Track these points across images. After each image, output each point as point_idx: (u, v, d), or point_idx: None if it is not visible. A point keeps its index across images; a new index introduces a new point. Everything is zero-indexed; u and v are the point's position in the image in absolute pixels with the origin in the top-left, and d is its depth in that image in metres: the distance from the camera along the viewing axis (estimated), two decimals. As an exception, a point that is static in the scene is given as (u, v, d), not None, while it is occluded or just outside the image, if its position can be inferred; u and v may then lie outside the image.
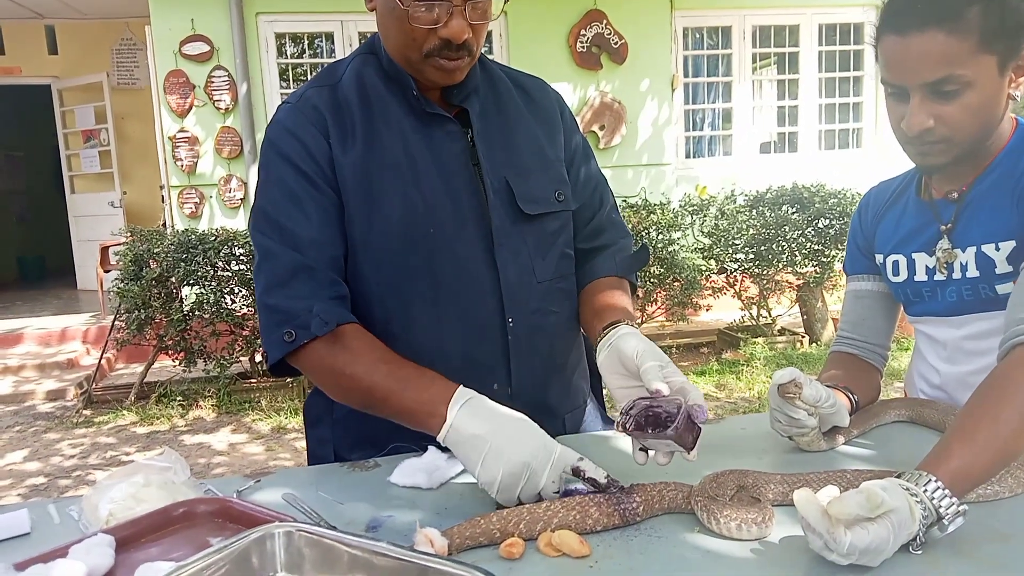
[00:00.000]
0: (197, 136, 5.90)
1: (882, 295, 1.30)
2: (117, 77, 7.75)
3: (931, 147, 1.06)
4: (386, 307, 1.11)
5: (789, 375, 1.04)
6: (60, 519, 0.97)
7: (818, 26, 6.83)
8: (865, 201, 1.34)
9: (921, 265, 1.19)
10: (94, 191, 7.79)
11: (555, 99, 1.25)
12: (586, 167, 1.25)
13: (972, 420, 0.88)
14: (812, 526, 0.75)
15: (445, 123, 1.12)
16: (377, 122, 1.10)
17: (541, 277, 1.15)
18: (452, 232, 1.09)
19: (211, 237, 4.67)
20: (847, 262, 1.36)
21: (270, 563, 0.77)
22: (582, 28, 6.30)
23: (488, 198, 1.11)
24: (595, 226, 1.25)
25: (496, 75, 1.20)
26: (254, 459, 3.91)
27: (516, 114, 1.18)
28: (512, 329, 1.12)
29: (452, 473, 1.04)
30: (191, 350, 4.79)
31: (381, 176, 1.08)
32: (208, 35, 5.82)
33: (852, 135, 7.07)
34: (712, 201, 5.52)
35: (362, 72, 1.13)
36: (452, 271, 1.10)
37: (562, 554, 0.81)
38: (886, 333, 1.32)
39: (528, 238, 1.14)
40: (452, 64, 1.05)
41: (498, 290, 1.11)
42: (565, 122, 1.24)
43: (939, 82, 1.00)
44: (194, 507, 0.91)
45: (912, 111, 1.03)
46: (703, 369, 5.09)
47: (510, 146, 1.15)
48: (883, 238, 1.26)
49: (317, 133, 1.08)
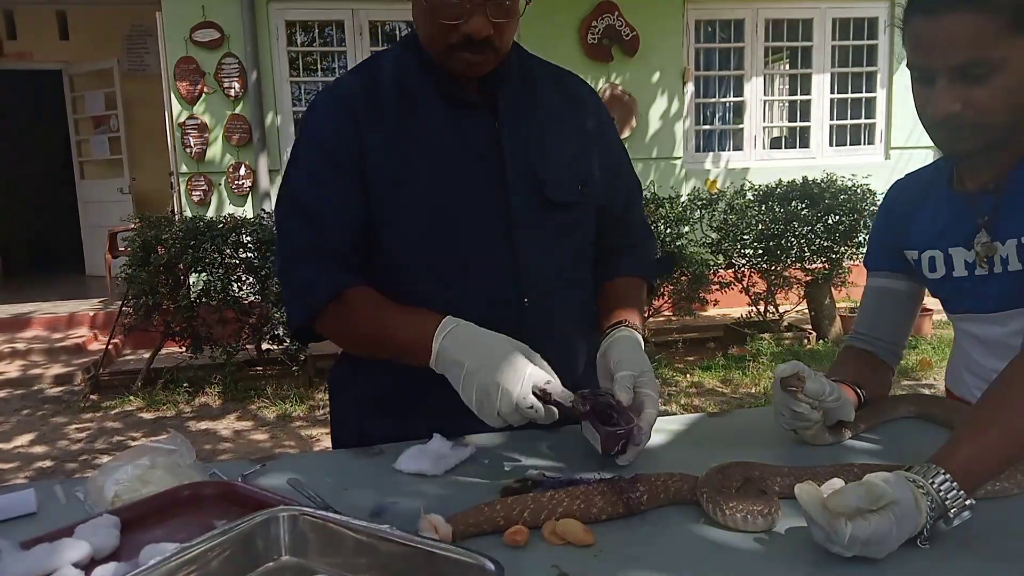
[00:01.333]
0: (206, 123, 5.91)
1: (902, 293, 1.26)
2: (128, 63, 7.76)
3: (958, 133, 1.00)
4: (410, 281, 1.15)
5: (792, 368, 1.04)
6: (66, 500, 0.97)
7: (832, 20, 6.78)
8: (891, 196, 1.28)
9: (960, 260, 1.13)
10: (103, 177, 7.82)
11: (591, 96, 1.28)
12: (619, 166, 1.29)
13: (985, 413, 0.87)
14: (813, 518, 0.75)
15: (475, 110, 1.16)
16: (410, 108, 1.15)
17: (559, 262, 1.19)
18: (474, 211, 1.14)
19: (219, 224, 4.68)
20: (869, 257, 1.31)
21: (274, 546, 0.77)
22: (593, 20, 6.27)
23: (508, 182, 1.14)
24: (624, 226, 1.29)
25: (534, 68, 1.24)
26: (259, 446, 3.93)
27: (549, 107, 1.21)
28: (528, 308, 1.16)
29: (457, 460, 1.04)
30: (198, 337, 4.81)
31: (408, 155, 1.13)
32: (219, 22, 5.82)
33: (864, 131, 7.02)
34: (721, 196, 5.50)
35: (402, 58, 1.19)
36: (472, 249, 1.14)
37: (566, 542, 0.81)
38: (903, 332, 1.29)
39: (549, 224, 1.17)
40: (475, 59, 1.10)
41: (515, 270, 1.15)
42: (601, 120, 1.26)
43: (967, 65, 0.96)
44: (199, 490, 0.91)
45: (938, 95, 0.99)
46: (709, 364, 5.08)
47: (539, 136, 1.18)
48: (916, 234, 1.20)
49: (347, 120, 1.13)
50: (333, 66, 6.28)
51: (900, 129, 6.79)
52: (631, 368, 1.05)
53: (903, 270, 1.25)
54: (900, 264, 1.25)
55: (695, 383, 4.76)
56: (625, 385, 1.03)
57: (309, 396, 4.64)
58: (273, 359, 4.99)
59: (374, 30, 6.19)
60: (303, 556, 0.77)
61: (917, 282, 1.25)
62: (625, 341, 1.10)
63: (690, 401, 4.39)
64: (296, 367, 4.89)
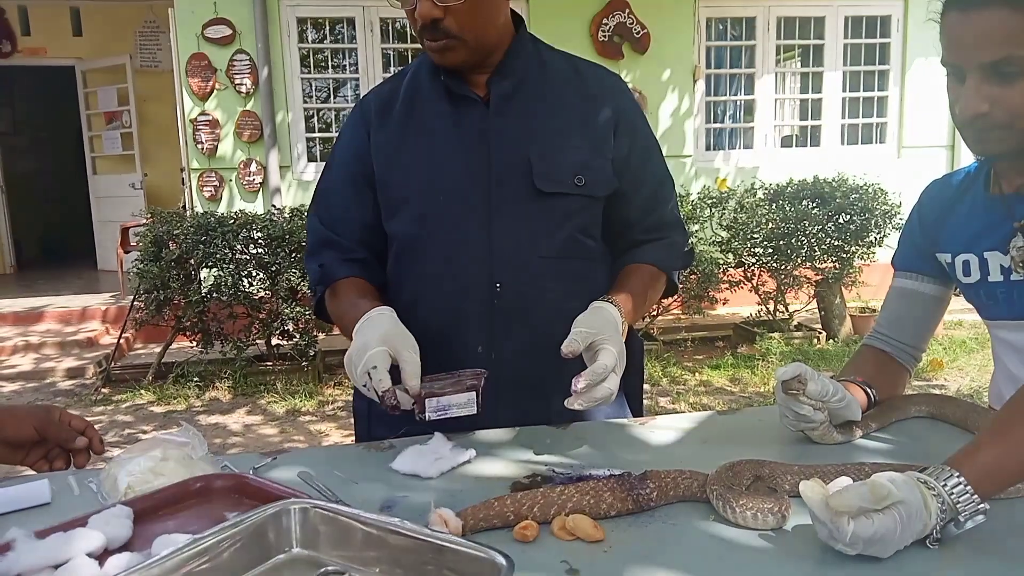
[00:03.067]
0: (218, 119, 5.93)
1: (927, 296, 1.24)
2: (140, 59, 7.80)
3: (988, 134, 0.98)
4: (403, 268, 1.26)
5: (793, 371, 1.03)
6: (79, 490, 0.98)
7: (844, 18, 6.73)
8: (926, 197, 1.25)
9: (995, 265, 1.10)
10: (116, 172, 7.87)
11: (617, 91, 1.28)
12: (648, 162, 1.30)
13: (1007, 418, 0.86)
14: (817, 516, 0.76)
15: (472, 104, 1.21)
16: (417, 107, 1.24)
17: (543, 252, 1.21)
18: (458, 198, 1.20)
19: (230, 220, 4.70)
20: (897, 257, 1.28)
21: (286, 539, 0.78)
22: (604, 17, 6.26)
23: (494, 171, 1.19)
24: (654, 221, 1.30)
25: (553, 61, 1.27)
26: (269, 441, 3.95)
27: (557, 98, 1.24)
28: (499, 294, 1.19)
29: (453, 463, 1.02)
30: (208, 332, 4.83)
31: (408, 155, 1.22)
32: (231, 19, 5.84)
33: (876, 130, 6.97)
34: (731, 194, 5.48)
35: (423, 63, 1.27)
36: (450, 232, 1.20)
37: (576, 538, 0.81)
38: (923, 336, 1.27)
39: (534, 213, 1.20)
40: (435, 45, 1.15)
41: (490, 255, 1.19)
42: (625, 114, 1.27)
43: (998, 63, 0.94)
44: (211, 482, 0.91)
45: (967, 93, 0.97)
46: (718, 363, 5.07)
47: (537, 126, 1.21)
48: (950, 237, 1.17)
49: (362, 126, 1.26)
50: (344, 63, 6.29)
51: (913, 128, 6.74)
52: (585, 326, 1.06)
53: (931, 273, 1.23)
54: (928, 267, 1.23)
55: (704, 382, 4.75)
56: (570, 339, 1.03)
57: (318, 391, 4.66)
58: (283, 354, 5.01)
59: (384, 27, 6.19)
60: (314, 548, 0.77)
61: (944, 286, 1.23)
62: (591, 310, 1.10)
63: (699, 400, 4.39)
64: (306, 363, 4.90)
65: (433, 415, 0.99)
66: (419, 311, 1.20)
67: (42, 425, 1.04)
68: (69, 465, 1.07)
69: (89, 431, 1.06)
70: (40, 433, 1.05)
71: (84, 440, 1.05)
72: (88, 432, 1.06)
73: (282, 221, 4.75)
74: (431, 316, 1.20)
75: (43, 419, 1.05)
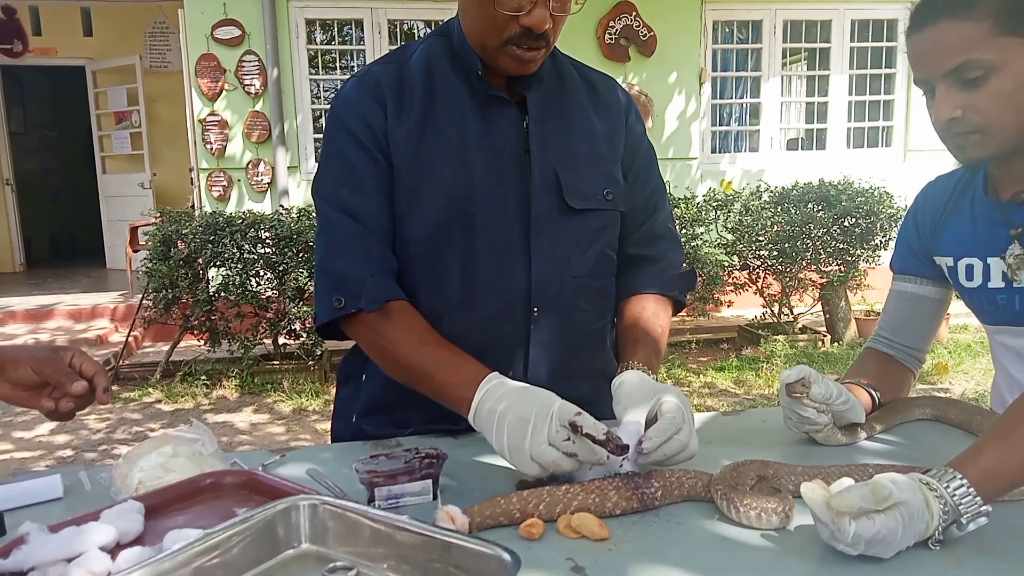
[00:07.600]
0: (227, 120, 5.96)
1: (927, 299, 1.24)
2: (149, 60, 7.85)
3: (965, 139, 1.00)
4: (420, 278, 1.12)
5: (796, 374, 1.04)
6: (91, 486, 1.00)
7: (850, 22, 6.73)
8: (921, 200, 1.25)
9: (997, 271, 1.10)
10: (125, 172, 7.92)
11: (623, 99, 1.24)
12: (647, 171, 1.25)
13: (1011, 421, 0.86)
14: (818, 516, 0.76)
15: (504, 107, 1.13)
16: (436, 99, 1.12)
17: (576, 272, 1.15)
18: (493, 214, 1.11)
19: (238, 220, 4.72)
20: (895, 260, 1.28)
21: (295, 534, 0.79)
22: (611, 19, 6.26)
23: (533, 185, 1.12)
24: (647, 232, 1.24)
25: (565, 68, 1.21)
26: (276, 439, 3.96)
27: (577, 108, 1.18)
28: (536, 319, 1.13)
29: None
30: (216, 330, 4.85)
31: (432, 151, 1.10)
32: (240, 20, 5.87)
33: (882, 133, 6.96)
34: (737, 197, 5.47)
35: (431, 52, 1.16)
36: (486, 252, 1.11)
37: (581, 536, 0.82)
38: (925, 338, 1.27)
39: (569, 231, 1.14)
40: (529, 55, 1.07)
41: (528, 278, 1.12)
42: (629, 123, 1.23)
43: (959, 69, 0.97)
44: (221, 478, 0.93)
45: (938, 102, 1.00)
46: (722, 365, 5.06)
47: (566, 139, 1.15)
48: (950, 240, 1.17)
49: (376, 107, 1.11)
50: (352, 64, 6.32)
51: (918, 131, 6.72)
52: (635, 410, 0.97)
53: (930, 275, 1.23)
54: (927, 269, 1.22)
55: (708, 383, 4.75)
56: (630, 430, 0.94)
57: (325, 391, 4.68)
58: (289, 354, 5.03)
59: (392, 29, 6.21)
60: (322, 544, 0.78)
61: (944, 288, 1.23)
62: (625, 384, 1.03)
63: (703, 401, 4.38)
64: (312, 362, 4.92)
65: (384, 504, 0.90)
66: (441, 330, 1.08)
67: (39, 366, 0.96)
68: (77, 409, 0.99)
69: (98, 378, 0.98)
70: (37, 374, 0.97)
71: (81, 385, 0.96)
72: (96, 379, 0.98)
73: (290, 221, 4.77)
74: (456, 341, 1.06)
75: (41, 360, 0.97)
